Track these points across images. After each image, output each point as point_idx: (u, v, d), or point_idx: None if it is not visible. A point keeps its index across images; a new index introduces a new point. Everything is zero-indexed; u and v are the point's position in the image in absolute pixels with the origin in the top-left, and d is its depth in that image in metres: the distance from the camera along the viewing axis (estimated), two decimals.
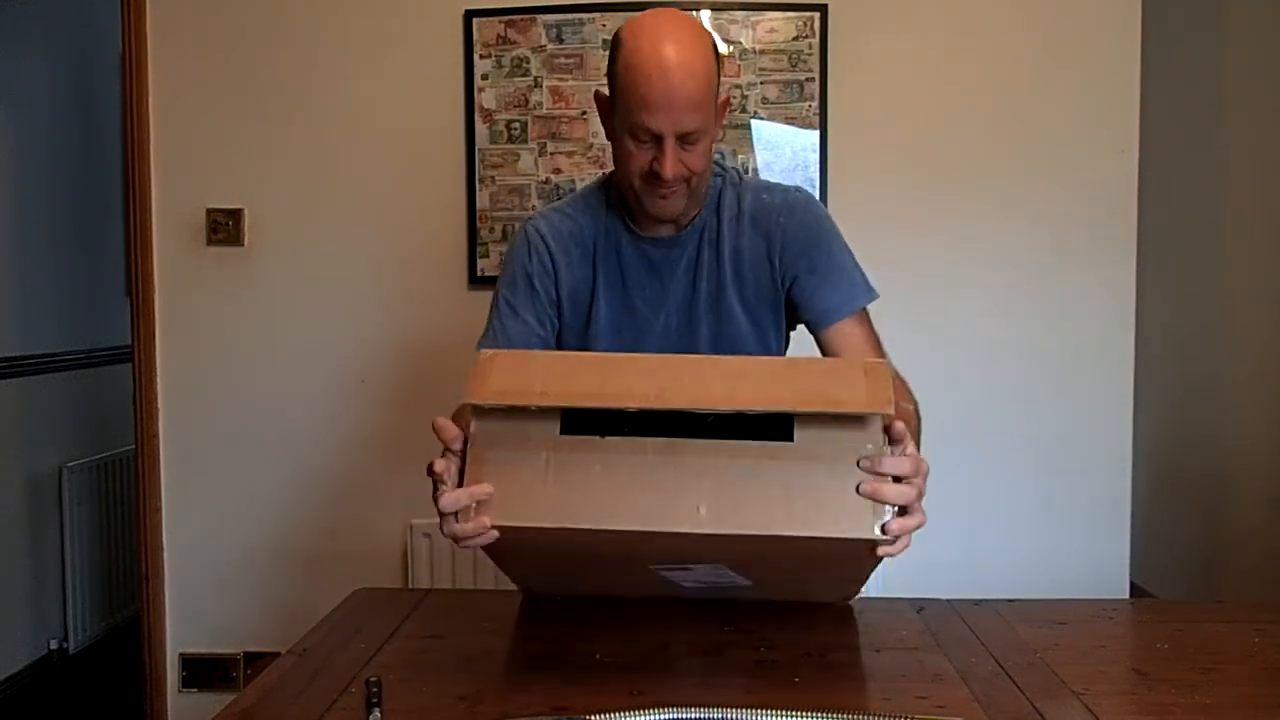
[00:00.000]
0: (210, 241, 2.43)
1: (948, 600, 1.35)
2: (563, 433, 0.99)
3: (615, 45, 1.26)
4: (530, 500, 0.98)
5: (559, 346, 1.40)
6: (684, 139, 1.22)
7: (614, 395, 0.97)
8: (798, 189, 1.40)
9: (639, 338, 1.37)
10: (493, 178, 2.38)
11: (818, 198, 2.32)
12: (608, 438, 0.98)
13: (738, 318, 1.36)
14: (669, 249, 1.35)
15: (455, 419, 1.08)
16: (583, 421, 0.99)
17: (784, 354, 1.43)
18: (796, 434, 0.97)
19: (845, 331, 1.34)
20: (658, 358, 1.09)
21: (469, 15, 2.36)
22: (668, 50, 1.19)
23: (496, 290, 1.39)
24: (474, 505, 0.98)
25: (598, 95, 1.32)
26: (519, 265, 1.37)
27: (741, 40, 2.34)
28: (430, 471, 1.02)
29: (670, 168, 1.22)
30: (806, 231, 1.34)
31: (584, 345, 1.38)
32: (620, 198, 1.35)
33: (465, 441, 1.02)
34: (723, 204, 1.35)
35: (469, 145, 2.38)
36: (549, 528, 0.98)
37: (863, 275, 1.38)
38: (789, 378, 1.00)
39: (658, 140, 1.22)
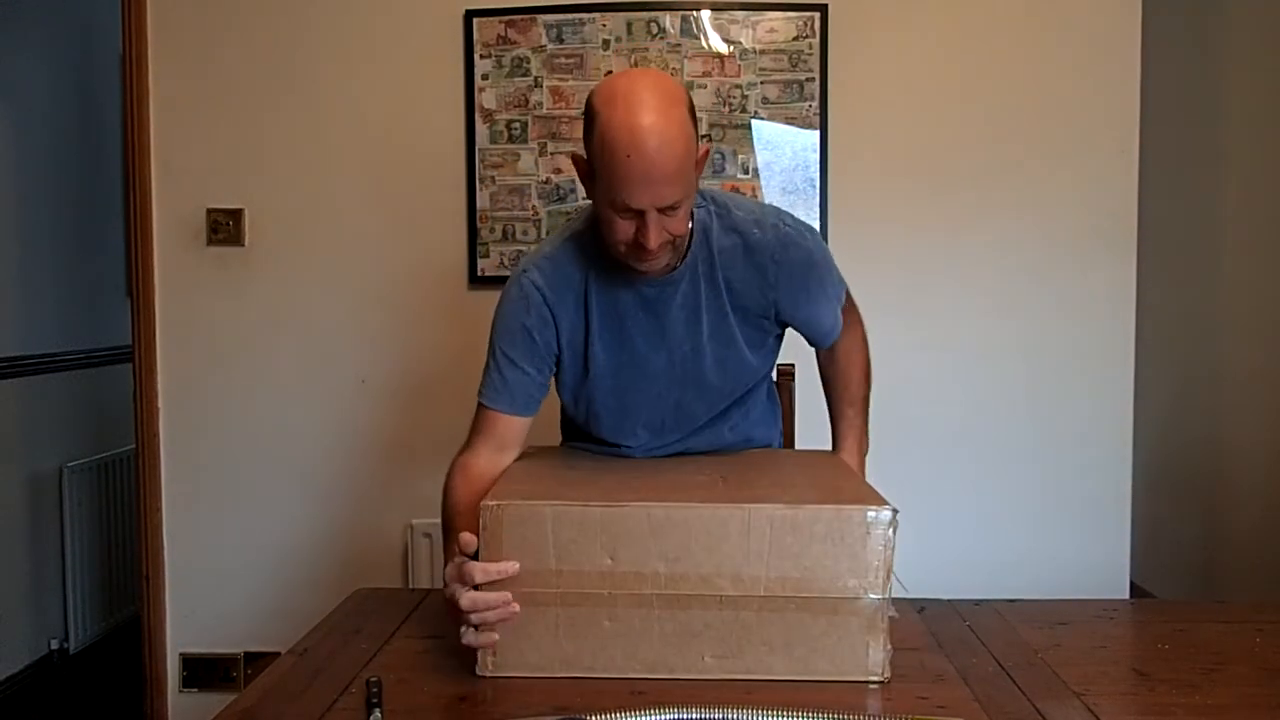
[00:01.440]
0: (210, 241, 2.43)
1: (948, 600, 1.35)
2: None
3: (590, 115, 1.23)
4: (542, 652, 1.09)
5: (559, 390, 1.42)
6: (665, 210, 1.22)
7: (627, 564, 1.07)
8: (788, 223, 1.39)
9: (639, 376, 1.38)
10: (493, 178, 2.38)
11: (818, 198, 2.34)
12: (615, 593, 1.07)
13: (739, 342, 1.39)
14: (663, 287, 1.35)
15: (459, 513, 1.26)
16: None
17: (776, 357, 1.50)
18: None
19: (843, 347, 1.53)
20: (662, 508, 1.08)
21: (469, 15, 2.36)
22: (643, 122, 1.16)
23: (493, 341, 1.38)
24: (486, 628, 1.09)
25: (575, 158, 1.31)
26: (516, 319, 1.36)
27: (741, 40, 2.34)
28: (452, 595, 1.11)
29: (654, 239, 1.22)
30: (802, 270, 1.38)
31: (583, 388, 1.40)
32: None
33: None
34: (711, 237, 1.36)
35: (469, 145, 2.38)
36: (561, 677, 1.08)
37: (839, 277, 1.47)
38: (795, 544, 1.06)
39: (639, 214, 1.21)
